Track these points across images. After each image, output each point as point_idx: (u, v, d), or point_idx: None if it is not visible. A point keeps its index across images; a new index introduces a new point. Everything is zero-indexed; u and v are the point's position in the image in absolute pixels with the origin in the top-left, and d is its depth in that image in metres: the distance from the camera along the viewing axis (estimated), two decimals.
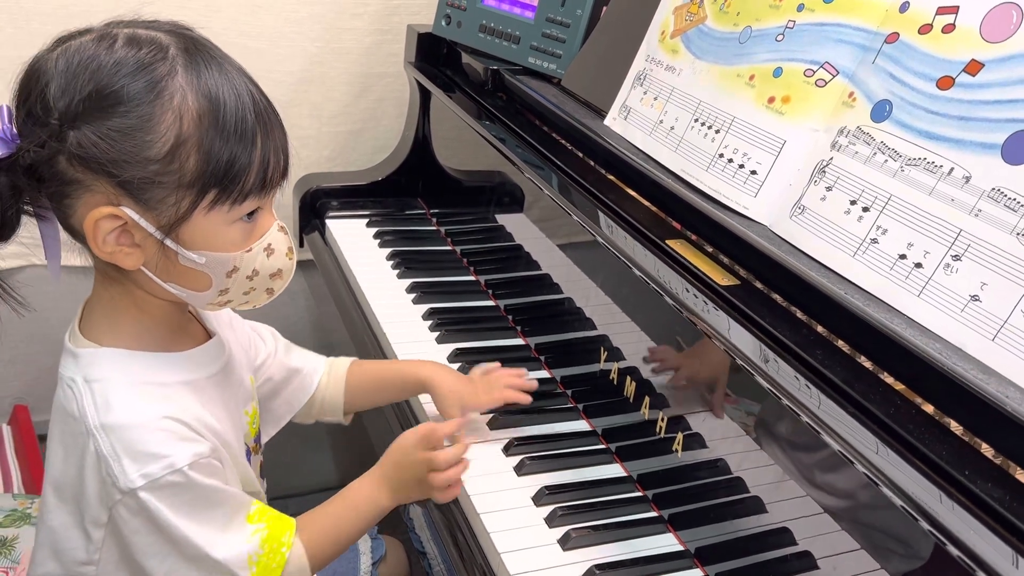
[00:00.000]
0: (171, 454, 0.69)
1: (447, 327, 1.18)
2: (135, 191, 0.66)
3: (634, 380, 0.96)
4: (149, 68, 0.65)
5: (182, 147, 0.66)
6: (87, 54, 0.65)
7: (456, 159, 1.46)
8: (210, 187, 0.68)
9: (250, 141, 0.68)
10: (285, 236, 0.76)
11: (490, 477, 0.93)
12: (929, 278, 0.69)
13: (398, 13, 1.58)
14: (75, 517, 0.72)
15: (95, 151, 0.64)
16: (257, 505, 0.79)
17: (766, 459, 0.78)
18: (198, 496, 0.72)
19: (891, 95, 0.76)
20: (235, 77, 0.69)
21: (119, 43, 0.66)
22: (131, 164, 0.65)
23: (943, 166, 0.70)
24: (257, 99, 0.70)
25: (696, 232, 0.91)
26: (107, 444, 0.69)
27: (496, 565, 0.83)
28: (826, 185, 0.80)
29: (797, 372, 0.71)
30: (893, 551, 0.66)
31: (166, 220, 0.68)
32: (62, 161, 0.65)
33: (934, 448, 0.61)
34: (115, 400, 0.70)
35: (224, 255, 0.71)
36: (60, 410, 0.72)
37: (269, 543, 0.77)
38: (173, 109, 0.66)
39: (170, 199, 0.67)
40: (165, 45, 0.67)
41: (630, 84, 1.08)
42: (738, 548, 0.82)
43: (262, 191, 0.71)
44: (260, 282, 0.75)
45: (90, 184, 0.66)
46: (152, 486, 0.69)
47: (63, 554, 0.73)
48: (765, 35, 0.90)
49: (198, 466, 0.71)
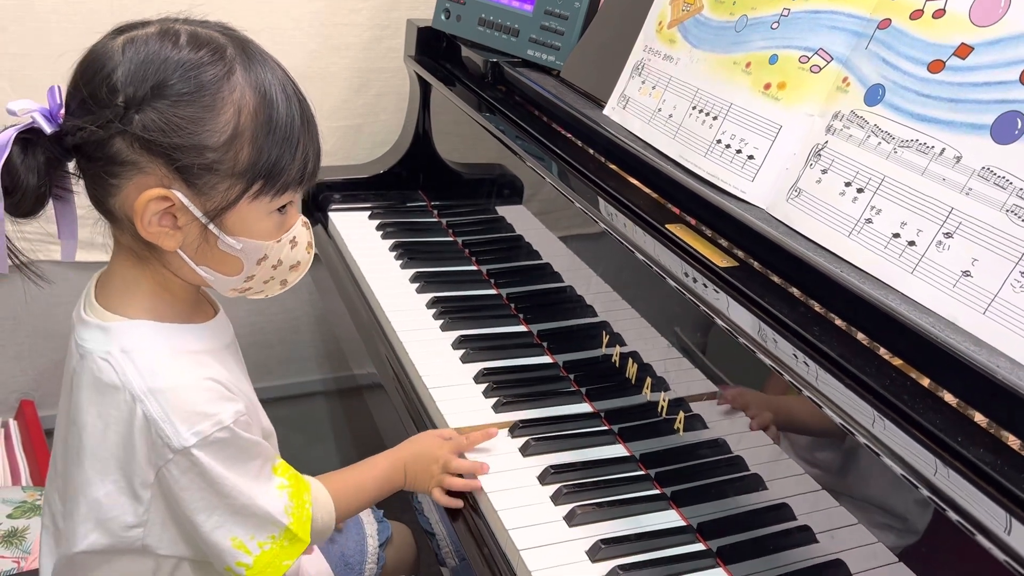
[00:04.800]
0: (218, 412, 0.73)
1: (451, 315, 1.20)
2: (189, 176, 0.70)
3: (636, 363, 0.98)
4: (213, 64, 0.70)
5: (238, 139, 0.71)
6: (154, 48, 0.69)
7: (456, 152, 1.48)
8: (257, 178, 0.72)
9: (296, 139, 0.74)
10: (308, 231, 0.82)
11: (496, 457, 0.95)
12: (922, 255, 0.71)
13: (397, 8, 1.60)
14: (119, 484, 0.75)
15: (159, 135, 0.68)
16: (279, 459, 0.83)
17: (765, 438, 0.80)
18: (241, 449, 0.76)
19: (884, 79, 0.78)
20: (283, 77, 0.74)
21: (183, 40, 0.70)
22: (191, 150, 0.69)
23: (935, 147, 0.72)
24: (302, 100, 0.75)
25: (695, 216, 0.93)
26: (156, 407, 0.72)
27: (504, 542, 0.85)
28: (821, 168, 0.82)
29: (796, 348, 0.73)
30: (890, 526, 0.68)
31: (213, 206, 0.72)
32: (119, 142, 0.69)
33: (929, 417, 0.64)
34: (157, 366, 0.73)
35: (259, 243, 0.76)
36: (93, 385, 0.74)
37: (296, 498, 0.81)
38: (233, 103, 0.70)
39: (221, 186, 0.71)
40: (223, 44, 0.72)
41: (628, 74, 1.10)
42: (739, 523, 0.84)
43: (299, 185, 0.76)
44: (280, 272, 0.80)
45: (144, 166, 0.70)
46: (203, 443, 0.73)
47: (110, 522, 0.76)
48: (761, 23, 0.92)
49: (240, 423, 0.75)
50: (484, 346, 1.14)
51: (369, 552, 1.07)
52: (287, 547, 0.80)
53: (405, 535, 1.17)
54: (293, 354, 1.83)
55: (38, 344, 1.61)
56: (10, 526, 1.25)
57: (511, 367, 1.11)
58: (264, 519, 0.78)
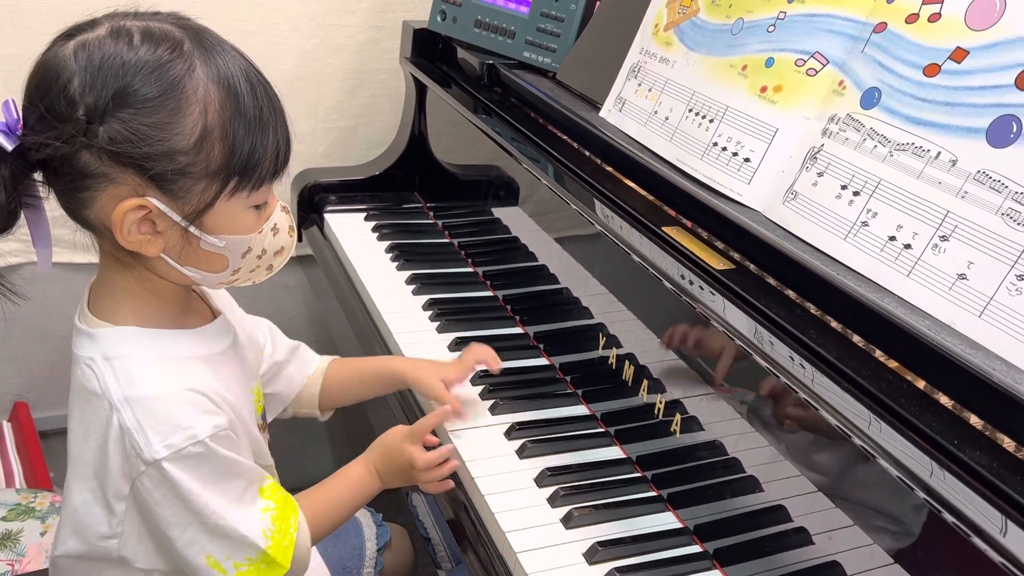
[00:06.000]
0: (193, 425, 0.72)
1: (447, 317, 1.20)
2: (162, 182, 0.68)
3: (632, 365, 0.98)
4: (172, 64, 0.67)
5: (208, 138, 0.68)
6: (108, 51, 0.66)
7: (452, 154, 1.48)
8: (232, 175, 0.70)
9: (267, 128, 0.71)
10: (287, 215, 0.80)
11: (493, 460, 0.95)
12: (918, 258, 0.71)
13: (392, 9, 1.59)
14: (96, 494, 0.74)
15: (127, 145, 0.66)
16: (270, 480, 0.82)
17: (761, 440, 0.81)
18: (218, 467, 0.74)
19: (880, 83, 0.79)
20: (244, 65, 0.72)
21: (136, 39, 0.67)
22: (161, 157, 0.67)
23: (930, 150, 0.73)
24: (267, 85, 0.73)
25: (691, 219, 0.93)
26: (131, 417, 0.71)
27: (501, 544, 0.85)
28: (818, 171, 0.82)
29: (792, 351, 0.73)
30: (886, 528, 0.68)
31: (191, 209, 0.70)
32: (86, 155, 0.67)
33: (925, 420, 0.64)
34: (137, 374, 0.72)
35: (241, 237, 0.74)
36: (79, 391, 0.74)
37: (279, 522, 0.79)
38: (198, 101, 0.68)
39: (196, 188, 0.69)
40: (179, 39, 0.68)
41: (624, 76, 1.11)
42: (735, 525, 0.84)
43: (274, 176, 0.74)
44: (265, 260, 0.78)
45: (115, 177, 0.68)
46: (175, 457, 0.71)
47: (86, 530, 0.75)
48: (757, 26, 0.92)
49: (218, 438, 0.73)
50: None
51: (367, 556, 1.07)
52: (264, 571, 0.78)
53: (403, 538, 1.17)
54: None
55: (32, 346, 1.60)
56: (4, 529, 1.24)
57: (507, 369, 1.10)
58: (239, 541, 0.76)
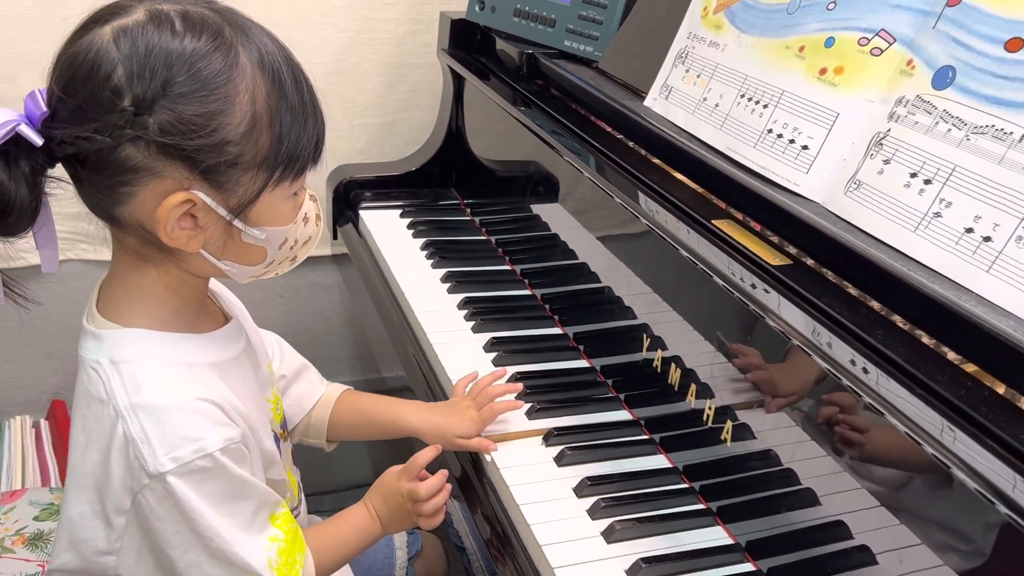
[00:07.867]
0: (203, 437, 0.68)
1: (483, 316, 1.16)
2: (211, 175, 0.65)
3: (679, 368, 0.93)
4: (217, 51, 0.64)
5: (256, 126, 0.66)
6: (152, 37, 0.63)
7: (491, 149, 1.44)
8: (279, 164, 0.68)
9: (308, 114, 0.69)
10: (315, 204, 0.77)
11: (530, 468, 0.90)
12: (1000, 252, 0.65)
13: (430, 2, 1.56)
14: (95, 506, 0.70)
15: (179, 137, 0.63)
16: (284, 508, 0.77)
17: (819, 450, 0.75)
18: (227, 486, 0.70)
19: (954, 60, 0.72)
20: (279, 47, 0.69)
21: (178, 24, 0.64)
22: (213, 149, 0.64)
23: (1013, 132, 0.66)
24: (299, 67, 0.70)
25: (743, 211, 0.88)
26: (137, 426, 0.67)
27: (538, 558, 0.81)
28: (883, 158, 0.76)
29: (857, 352, 0.68)
30: (957, 547, 0.63)
31: (236, 201, 0.67)
32: (129, 148, 0.63)
33: (1008, 429, 0.58)
34: (145, 380, 0.68)
35: (281, 229, 0.72)
36: (83, 395, 0.70)
37: (286, 555, 0.75)
38: (247, 89, 0.65)
39: (244, 179, 0.67)
40: (220, 25, 0.65)
41: (671, 63, 1.05)
42: (791, 542, 0.78)
43: (314, 162, 0.71)
44: (293, 251, 0.76)
45: (160, 171, 0.64)
46: (181, 471, 0.67)
47: (81, 544, 0.71)
48: (816, 4, 0.86)
49: (229, 452, 0.69)
50: (517, 349, 1.10)
51: (397, 565, 1.04)
52: None
53: (435, 547, 1.13)
54: (324, 356, 1.81)
55: (70, 343, 1.57)
56: (36, 529, 1.23)
57: (545, 371, 1.06)
58: (242, 570, 0.71)
